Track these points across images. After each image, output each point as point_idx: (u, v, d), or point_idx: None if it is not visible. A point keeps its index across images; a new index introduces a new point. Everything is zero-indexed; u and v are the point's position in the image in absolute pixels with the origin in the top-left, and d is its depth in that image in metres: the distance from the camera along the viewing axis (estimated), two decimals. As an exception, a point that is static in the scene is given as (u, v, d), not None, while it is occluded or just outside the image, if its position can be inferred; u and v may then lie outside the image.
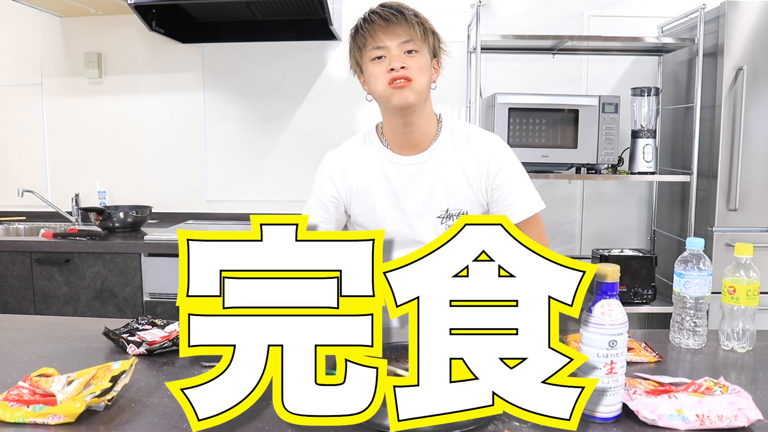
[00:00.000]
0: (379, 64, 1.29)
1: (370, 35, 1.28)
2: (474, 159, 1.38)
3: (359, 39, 1.31)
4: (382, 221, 1.39)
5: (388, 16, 1.26)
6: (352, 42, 1.34)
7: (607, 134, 2.38)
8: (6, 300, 2.53)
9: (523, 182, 1.39)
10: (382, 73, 1.29)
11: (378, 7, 1.29)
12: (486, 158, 1.37)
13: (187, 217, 3.05)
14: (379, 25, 1.27)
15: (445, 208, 1.38)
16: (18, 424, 0.87)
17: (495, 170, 1.36)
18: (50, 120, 3.10)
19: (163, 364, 1.13)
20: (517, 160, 1.41)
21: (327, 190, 1.42)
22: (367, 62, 1.31)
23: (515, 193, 1.37)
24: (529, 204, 1.38)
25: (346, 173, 1.41)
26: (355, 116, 2.97)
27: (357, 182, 1.40)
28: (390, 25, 1.27)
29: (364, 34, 1.29)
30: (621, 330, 0.87)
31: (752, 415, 0.86)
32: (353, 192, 1.41)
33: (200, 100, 3.03)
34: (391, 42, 1.27)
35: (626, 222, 2.95)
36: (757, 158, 2.28)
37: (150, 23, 2.63)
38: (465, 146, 1.39)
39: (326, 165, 1.44)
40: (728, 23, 2.22)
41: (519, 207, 1.37)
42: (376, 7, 1.29)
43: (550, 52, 2.76)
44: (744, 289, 1.18)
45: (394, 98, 1.29)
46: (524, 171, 1.41)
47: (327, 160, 1.45)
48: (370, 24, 1.27)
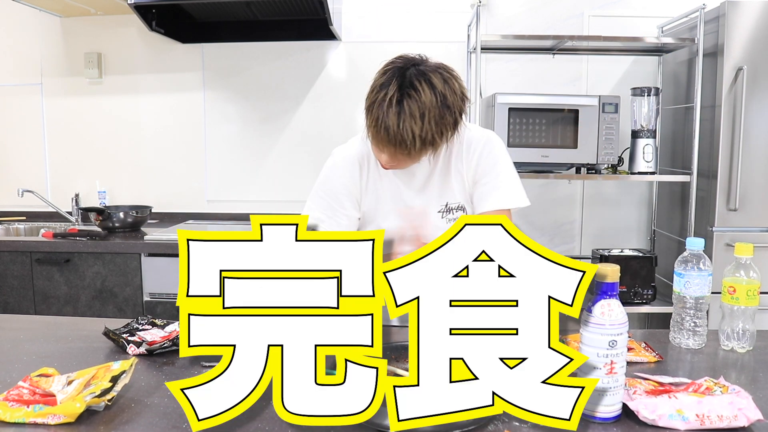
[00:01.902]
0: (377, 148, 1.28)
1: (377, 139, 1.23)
2: (467, 151, 1.40)
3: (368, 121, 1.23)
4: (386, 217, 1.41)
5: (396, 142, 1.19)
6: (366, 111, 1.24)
7: (607, 134, 2.38)
8: (6, 300, 2.53)
9: (509, 174, 1.40)
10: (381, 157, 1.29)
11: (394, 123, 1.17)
12: (477, 150, 1.39)
13: (187, 217, 3.05)
14: (385, 145, 1.22)
15: (445, 202, 1.41)
16: (18, 424, 0.87)
17: (483, 158, 1.38)
18: (50, 120, 3.10)
19: (163, 364, 1.13)
20: (507, 154, 1.43)
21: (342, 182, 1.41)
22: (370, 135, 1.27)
23: (498, 181, 1.38)
24: (511, 196, 1.39)
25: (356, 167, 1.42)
26: (355, 116, 2.97)
27: (367, 178, 1.42)
28: (394, 149, 1.22)
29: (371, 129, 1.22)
30: (621, 330, 0.87)
31: (752, 415, 0.86)
32: (362, 186, 1.42)
33: (200, 100, 3.03)
34: (402, 157, 1.25)
35: (626, 222, 2.95)
36: (757, 158, 2.28)
37: (150, 23, 2.63)
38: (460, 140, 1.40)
39: (338, 159, 1.44)
40: (728, 23, 2.22)
41: (499, 196, 1.38)
42: (393, 121, 1.17)
43: (550, 52, 2.76)
44: (744, 289, 1.18)
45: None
46: (513, 166, 1.43)
47: (338, 155, 1.44)
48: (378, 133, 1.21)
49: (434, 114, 1.18)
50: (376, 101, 1.19)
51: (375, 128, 1.20)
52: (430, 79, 1.18)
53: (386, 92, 1.18)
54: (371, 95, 1.21)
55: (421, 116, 1.17)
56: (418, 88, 1.17)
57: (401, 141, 1.18)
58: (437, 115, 1.18)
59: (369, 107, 1.21)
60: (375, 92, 1.20)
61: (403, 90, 1.17)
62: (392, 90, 1.18)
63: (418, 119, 1.17)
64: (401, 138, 1.18)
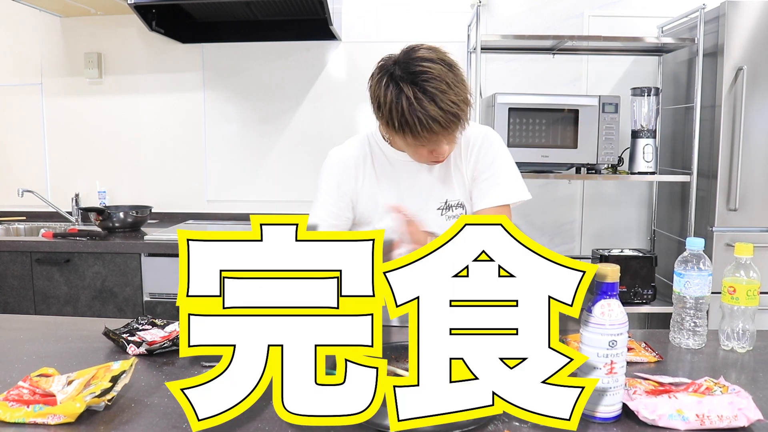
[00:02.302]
0: (423, 148, 1.26)
1: (427, 139, 1.21)
2: (466, 148, 1.41)
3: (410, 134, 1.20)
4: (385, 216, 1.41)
5: (448, 124, 1.19)
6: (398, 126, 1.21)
7: (607, 134, 2.38)
8: (6, 300, 2.53)
9: (508, 169, 1.41)
10: (425, 153, 1.28)
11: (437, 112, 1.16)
12: (475, 146, 1.40)
13: (187, 217, 3.05)
14: (437, 134, 1.20)
15: (444, 199, 1.41)
16: (18, 424, 0.87)
17: (481, 154, 1.39)
18: (50, 120, 3.10)
19: (163, 364, 1.13)
20: (505, 149, 1.43)
21: (338, 184, 1.42)
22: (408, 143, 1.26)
23: (497, 176, 1.39)
24: (510, 191, 1.39)
25: (353, 168, 1.42)
26: (355, 116, 2.97)
27: (363, 178, 1.42)
28: (448, 132, 1.21)
29: (419, 137, 1.20)
30: (621, 330, 0.87)
31: (752, 415, 0.86)
32: (359, 186, 1.42)
33: (200, 100, 3.03)
34: (444, 140, 1.24)
35: (626, 222, 2.95)
36: (757, 158, 2.28)
37: (150, 23, 2.63)
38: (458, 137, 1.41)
39: (333, 160, 1.44)
40: (728, 23, 2.22)
41: (499, 191, 1.38)
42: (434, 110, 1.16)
43: (550, 52, 2.76)
44: (744, 289, 1.18)
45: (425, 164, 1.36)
46: (512, 161, 1.43)
47: (333, 156, 1.45)
48: (429, 132, 1.19)
49: (450, 76, 1.19)
50: (404, 111, 1.18)
51: (423, 128, 1.18)
52: (419, 57, 1.20)
53: (406, 96, 1.17)
54: (395, 113, 1.19)
55: (447, 85, 1.18)
56: (422, 69, 1.18)
57: (453, 117, 1.18)
58: (452, 75, 1.20)
59: (401, 122, 1.19)
60: (395, 105, 1.18)
61: (415, 82, 1.18)
62: (408, 90, 1.18)
63: (447, 89, 1.18)
64: (452, 115, 1.18)
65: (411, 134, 1.20)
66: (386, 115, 1.21)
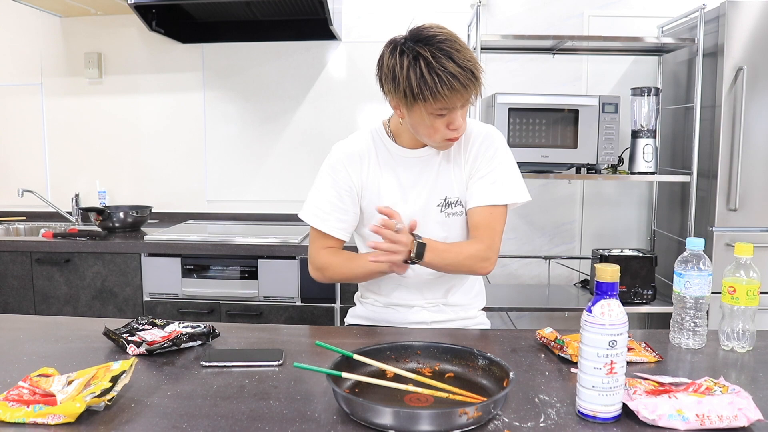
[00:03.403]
0: (441, 119, 1.26)
1: (448, 99, 1.21)
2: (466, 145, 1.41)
3: (430, 95, 1.20)
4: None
5: (467, 82, 1.20)
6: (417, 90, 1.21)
7: (607, 134, 2.38)
8: (6, 300, 2.53)
9: (508, 168, 1.41)
10: (442, 128, 1.27)
11: (456, 68, 1.18)
12: (476, 144, 1.40)
13: (187, 217, 3.05)
14: (458, 92, 1.20)
15: (444, 197, 1.41)
16: (18, 424, 0.87)
17: (481, 152, 1.39)
18: (50, 120, 3.10)
19: (163, 364, 1.13)
20: (507, 148, 1.44)
21: (342, 179, 1.41)
22: (426, 113, 1.25)
23: (495, 174, 1.38)
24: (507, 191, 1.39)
25: (357, 162, 1.42)
26: (355, 116, 2.97)
27: (368, 173, 1.42)
28: (467, 92, 1.22)
29: (439, 97, 1.20)
30: (621, 330, 0.87)
31: (752, 415, 0.86)
32: (363, 181, 1.42)
33: (200, 100, 3.03)
34: (460, 103, 1.24)
35: (626, 222, 2.95)
36: (757, 158, 2.28)
37: (150, 23, 2.63)
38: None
39: (338, 154, 1.44)
40: (728, 23, 2.22)
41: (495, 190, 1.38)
42: (453, 67, 1.18)
43: (550, 52, 2.76)
44: (744, 289, 1.18)
45: (442, 148, 1.36)
46: (513, 161, 1.43)
47: (338, 151, 1.44)
48: (450, 90, 1.19)
49: (460, 40, 1.24)
50: (422, 71, 1.19)
51: (443, 85, 1.19)
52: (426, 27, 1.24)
53: (423, 57, 1.20)
54: (413, 76, 1.20)
55: (460, 45, 1.22)
56: (433, 33, 1.22)
57: (471, 75, 1.20)
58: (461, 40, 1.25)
59: (420, 84, 1.20)
60: (413, 67, 1.20)
61: (430, 44, 1.21)
62: (424, 51, 1.20)
63: (462, 49, 1.22)
64: (470, 72, 1.20)
65: (431, 95, 1.20)
66: (404, 81, 1.21)
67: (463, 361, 1.06)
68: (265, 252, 2.42)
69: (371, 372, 1.02)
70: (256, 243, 2.43)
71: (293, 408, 0.93)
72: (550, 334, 1.22)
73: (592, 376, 0.87)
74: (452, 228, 1.42)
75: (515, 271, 2.94)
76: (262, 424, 0.88)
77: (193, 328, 1.26)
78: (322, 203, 1.42)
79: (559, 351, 1.17)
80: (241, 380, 1.05)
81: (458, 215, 1.41)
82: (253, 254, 2.42)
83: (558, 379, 1.06)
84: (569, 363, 1.13)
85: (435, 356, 1.09)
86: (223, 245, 2.43)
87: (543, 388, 1.01)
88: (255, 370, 1.10)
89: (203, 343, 1.23)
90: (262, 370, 1.10)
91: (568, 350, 1.14)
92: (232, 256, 2.44)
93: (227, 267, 2.45)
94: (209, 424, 0.88)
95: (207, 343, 1.24)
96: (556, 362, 1.15)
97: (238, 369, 1.10)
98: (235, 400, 0.96)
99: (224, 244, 2.44)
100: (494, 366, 1.01)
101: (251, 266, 2.43)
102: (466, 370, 1.05)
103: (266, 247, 2.42)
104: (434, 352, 1.09)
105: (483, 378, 1.02)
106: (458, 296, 1.49)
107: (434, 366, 1.08)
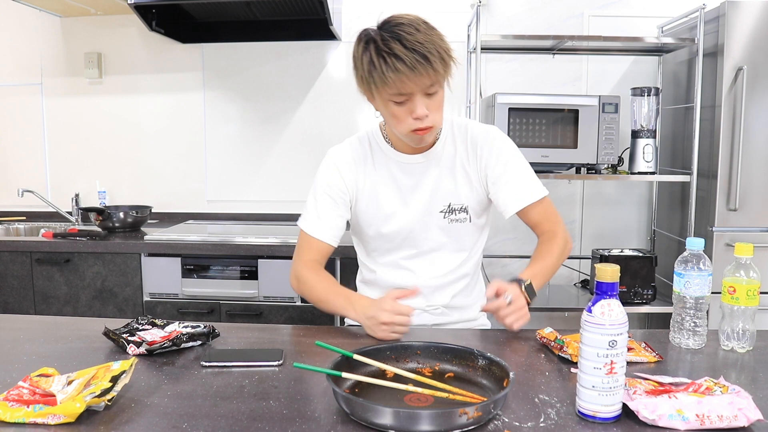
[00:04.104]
0: (400, 106, 1.23)
1: (394, 83, 1.18)
2: (473, 150, 1.40)
3: (378, 80, 1.19)
4: (389, 218, 1.41)
5: (414, 64, 1.15)
6: (367, 75, 1.21)
7: (607, 134, 2.38)
8: (6, 300, 2.53)
9: (524, 169, 1.43)
10: (404, 116, 1.24)
11: (402, 50, 1.15)
12: (484, 147, 1.40)
13: (187, 217, 3.05)
14: (404, 75, 1.16)
15: (448, 203, 1.40)
16: (18, 424, 0.87)
17: (494, 156, 1.39)
18: (50, 120, 3.10)
19: (163, 364, 1.13)
20: (515, 147, 1.44)
21: (336, 184, 1.41)
22: (386, 101, 1.23)
23: (517, 178, 1.40)
24: (532, 190, 1.41)
25: (352, 167, 1.42)
26: (355, 116, 2.97)
27: (364, 178, 1.41)
28: (416, 75, 1.17)
29: (386, 80, 1.17)
30: (621, 330, 0.87)
31: (752, 415, 0.86)
32: (359, 187, 1.41)
33: (200, 100, 3.03)
34: (415, 88, 1.20)
35: (626, 222, 2.95)
36: (757, 158, 2.28)
37: (150, 23, 2.63)
38: (464, 140, 1.41)
39: (332, 159, 1.44)
40: (728, 23, 2.22)
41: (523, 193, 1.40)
42: (399, 49, 1.15)
43: (550, 52, 2.76)
44: (744, 289, 1.18)
45: (414, 142, 1.32)
46: (524, 159, 1.45)
47: (332, 155, 1.44)
48: (395, 72, 1.16)
49: (422, 24, 1.20)
50: (371, 56, 1.18)
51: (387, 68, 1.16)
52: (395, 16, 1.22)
53: (374, 41, 1.19)
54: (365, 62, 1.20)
55: (416, 29, 1.18)
56: (393, 19, 1.21)
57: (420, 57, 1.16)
58: (425, 25, 1.21)
59: (369, 69, 1.19)
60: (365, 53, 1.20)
61: (384, 29, 1.20)
62: (376, 36, 1.19)
63: (416, 32, 1.18)
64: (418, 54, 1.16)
65: (380, 79, 1.18)
66: (360, 67, 1.22)
67: (463, 361, 1.06)
68: (265, 252, 2.42)
69: (371, 372, 1.02)
70: (256, 243, 2.43)
71: (293, 408, 0.93)
72: (550, 334, 1.22)
73: (592, 376, 0.87)
74: (454, 234, 1.42)
75: (515, 272, 2.94)
76: (262, 424, 0.88)
77: (193, 328, 1.26)
78: (316, 209, 1.42)
79: (559, 351, 1.17)
80: (241, 380, 1.05)
81: (461, 222, 1.41)
82: (253, 254, 2.42)
83: (558, 379, 1.06)
84: (569, 363, 1.13)
85: (435, 356, 1.09)
86: (223, 245, 2.43)
87: (543, 388, 1.01)
88: (255, 370, 1.10)
89: (203, 343, 1.23)
90: (262, 370, 1.10)
91: (568, 350, 1.14)
92: (232, 256, 2.44)
93: (227, 267, 2.45)
94: (209, 424, 0.88)
95: (207, 343, 1.24)
96: (556, 362, 1.14)
97: (238, 369, 1.10)
98: (235, 400, 0.96)
99: (224, 244, 2.44)
100: (494, 366, 1.01)
101: (251, 266, 2.43)
102: (466, 370, 1.05)
103: (266, 247, 2.42)
104: (434, 352, 1.09)
105: (483, 378, 1.02)
106: (460, 299, 1.48)
107: (434, 366, 1.08)
